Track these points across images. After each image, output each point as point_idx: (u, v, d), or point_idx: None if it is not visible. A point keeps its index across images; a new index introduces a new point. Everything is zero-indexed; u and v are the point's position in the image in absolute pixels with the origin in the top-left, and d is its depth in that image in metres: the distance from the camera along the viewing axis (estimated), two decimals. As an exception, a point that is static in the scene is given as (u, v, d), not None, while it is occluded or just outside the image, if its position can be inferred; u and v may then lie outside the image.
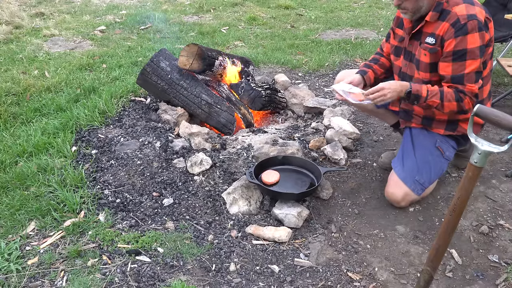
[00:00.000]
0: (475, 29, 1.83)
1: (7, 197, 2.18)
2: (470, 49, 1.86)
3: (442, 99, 1.95)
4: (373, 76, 2.35)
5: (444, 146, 2.14)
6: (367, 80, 2.32)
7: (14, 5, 5.77)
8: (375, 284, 1.79)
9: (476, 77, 1.92)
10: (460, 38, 1.85)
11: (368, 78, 2.32)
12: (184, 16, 5.91)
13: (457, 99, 1.94)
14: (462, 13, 1.84)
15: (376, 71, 2.36)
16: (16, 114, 2.99)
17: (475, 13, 1.84)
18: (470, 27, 1.83)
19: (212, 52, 2.95)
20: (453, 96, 1.94)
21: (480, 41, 1.85)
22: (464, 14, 1.84)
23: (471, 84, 1.92)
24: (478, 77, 1.93)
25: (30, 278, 1.76)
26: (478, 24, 1.83)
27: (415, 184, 2.11)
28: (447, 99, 1.95)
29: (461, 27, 1.84)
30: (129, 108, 3.01)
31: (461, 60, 1.89)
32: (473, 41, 1.84)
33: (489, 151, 1.22)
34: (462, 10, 1.85)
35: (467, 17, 1.83)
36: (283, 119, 3.23)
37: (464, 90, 1.93)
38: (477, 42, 1.85)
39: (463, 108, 1.96)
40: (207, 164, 2.38)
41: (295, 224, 2.05)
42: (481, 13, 1.86)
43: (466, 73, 1.90)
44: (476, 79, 1.92)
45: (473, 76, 1.91)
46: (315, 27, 5.44)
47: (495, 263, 1.88)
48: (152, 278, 1.76)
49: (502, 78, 3.70)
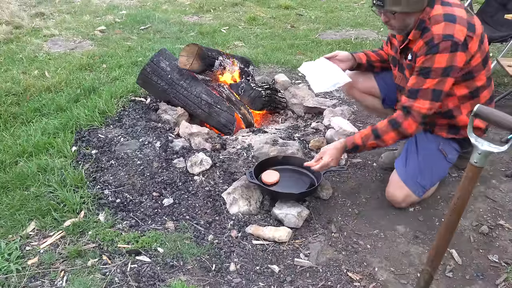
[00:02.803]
0: (446, 50, 1.80)
1: (7, 197, 2.18)
2: (434, 68, 1.84)
3: (378, 136, 1.98)
4: (364, 58, 2.35)
5: (447, 149, 2.13)
6: (357, 58, 2.32)
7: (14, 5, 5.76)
8: (375, 284, 1.79)
9: (432, 95, 1.87)
10: (429, 56, 1.84)
11: (358, 57, 2.33)
12: (184, 16, 5.91)
13: (394, 127, 1.94)
14: (438, 32, 1.82)
15: (369, 55, 2.36)
16: (16, 114, 2.99)
17: (452, 33, 1.79)
18: (441, 47, 1.80)
19: (212, 52, 2.96)
20: (388, 126, 1.96)
21: (447, 62, 1.81)
22: (440, 33, 1.81)
23: (423, 101, 1.88)
24: (435, 96, 1.88)
25: (30, 278, 1.76)
26: (452, 45, 1.79)
27: (416, 186, 2.11)
28: (383, 132, 1.97)
29: (433, 46, 1.82)
30: (129, 108, 3.01)
31: (423, 77, 1.88)
32: (440, 60, 1.82)
33: (489, 151, 1.22)
34: (439, 29, 1.82)
35: (442, 37, 1.80)
36: (283, 119, 3.23)
37: (411, 108, 1.91)
38: (444, 63, 1.82)
39: (404, 133, 1.95)
40: (207, 164, 2.38)
41: (295, 224, 2.05)
42: (460, 32, 1.80)
43: (422, 88, 1.88)
44: (432, 97, 1.88)
45: (429, 93, 1.87)
46: (315, 27, 5.44)
47: (495, 263, 1.88)
48: (152, 278, 1.76)
49: (502, 78, 3.70)
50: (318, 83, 2.22)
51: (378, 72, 2.41)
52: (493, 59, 3.51)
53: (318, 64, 2.28)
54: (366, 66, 2.36)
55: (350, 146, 2.06)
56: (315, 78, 2.24)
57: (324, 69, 2.25)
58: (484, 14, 3.78)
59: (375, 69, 2.39)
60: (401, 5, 1.85)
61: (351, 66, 2.33)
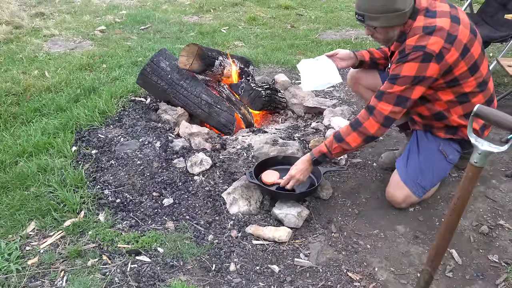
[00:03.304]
0: (417, 59, 1.80)
1: (7, 197, 2.18)
2: (402, 75, 1.85)
3: (340, 139, 2.00)
4: (367, 56, 2.35)
5: (448, 149, 2.13)
6: (359, 56, 2.32)
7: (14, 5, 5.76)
8: (375, 284, 1.79)
9: (396, 100, 1.88)
10: (399, 64, 1.86)
11: (361, 55, 2.33)
12: (184, 16, 5.91)
13: (355, 128, 1.96)
14: (410, 43, 1.83)
15: (372, 52, 2.36)
16: (16, 114, 2.99)
17: (425, 44, 1.79)
18: (410, 57, 1.81)
19: (212, 52, 2.95)
20: (349, 128, 1.98)
21: (416, 72, 1.82)
22: (412, 44, 1.82)
23: (386, 104, 1.90)
24: (399, 102, 1.89)
25: (30, 278, 1.76)
26: (423, 56, 1.79)
27: (417, 187, 2.11)
28: (345, 134, 1.98)
29: (403, 56, 1.84)
30: (129, 108, 3.01)
31: (391, 82, 1.89)
32: (408, 69, 1.83)
33: (489, 151, 1.22)
34: (412, 41, 1.82)
35: (412, 48, 1.81)
36: (283, 119, 3.23)
37: (375, 108, 1.92)
38: (412, 72, 1.82)
39: (366, 133, 1.95)
40: (207, 164, 2.38)
41: (295, 224, 2.05)
42: (435, 44, 1.79)
43: (387, 91, 1.89)
44: (395, 102, 1.89)
45: (393, 97, 1.88)
46: (315, 27, 5.44)
47: (495, 263, 1.88)
48: (152, 278, 1.77)
49: (502, 78, 3.70)
50: (308, 81, 2.22)
51: (383, 69, 2.40)
52: (493, 59, 3.51)
53: (315, 62, 2.27)
54: (369, 63, 2.35)
55: (317, 155, 2.08)
56: (307, 76, 2.24)
57: (319, 67, 2.24)
58: (484, 14, 3.78)
59: (379, 66, 2.38)
60: (380, 20, 1.86)
61: (352, 64, 2.33)
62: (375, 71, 2.41)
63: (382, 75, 2.39)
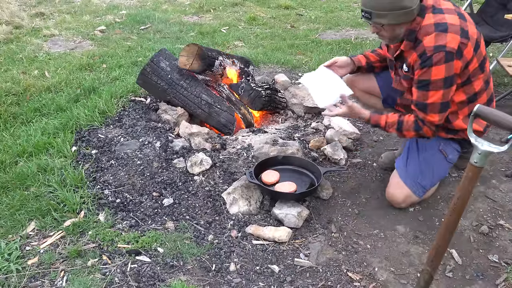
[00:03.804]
0: (441, 61, 1.80)
1: (7, 197, 2.18)
2: (433, 80, 1.85)
3: (400, 129, 2.03)
4: (364, 61, 2.35)
5: (448, 149, 2.13)
6: (356, 61, 2.32)
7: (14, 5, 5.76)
8: (375, 284, 1.79)
9: (440, 108, 1.91)
10: (425, 69, 1.85)
11: (358, 60, 2.33)
12: (184, 16, 5.91)
13: (415, 129, 1.99)
14: (429, 44, 1.81)
15: (368, 57, 2.36)
16: (16, 114, 2.99)
17: (444, 43, 1.79)
18: (435, 59, 1.80)
19: (212, 52, 2.95)
20: (411, 126, 2.00)
21: (445, 73, 1.82)
22: (431, 45, 1.81)
23: (433, 115, 1.92)
24: (442, 108, 1.91)
25: (30, 278, 1.76)
26: (446, 56, 1.79)
27: (417, 186, 2.11)
28: (405, 128, 2.02)
29: (426, 59, 1.83)
30: (129, 108, 3.01)
31: (424, 90, 1.89)
32: (437, 73, 1.82)
33: (489, 151, 1.22)
34: (431, 41, 1.81)
35: (433, 48, 1.80)
36: (283, 119, 3.23)
37: (424, 120, 1.95)
38: (442, 74, 1.82)
39: (424, 136, 2.02)
40: (207, 164, 2.38)
41: (295, 224, 2.05)
42: (453, 40, 1.79)
43: (428, 103, 1.90)
44: (440, 110, 1.91)
45: (437, 106, 1.90)
46: (315, 27, 5.44)
47: (495, 263, 1.88)
48: (152, 278, 1.77)
49: (502, 78, 3.69)
50: (322, 98, 2.19)
51: (378, 72, 2.41)
52: (493, 59, 3.51)
53: (319, 75, 2.26)
54: (366, 68, 2.36)
55: (372, 122, 2.12)
56: (318, 91, 2.22)
57: (326, 81, 2.24)
58: (484, 14, 3.78)
59: (375, 69, 2.39)
60: (387, 18, 1.85)
61: (351, 70, 2.33)
62: (371, 75, 2.42)
63: (378, 78, 2.40)
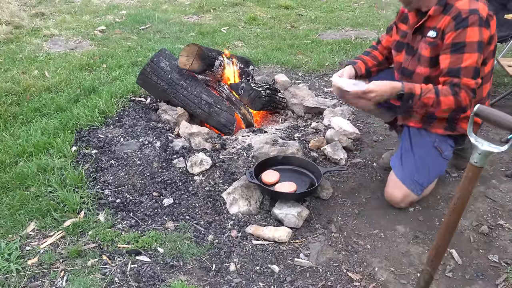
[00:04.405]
0: (476, 23, 1.84)
1: (7, 197, 2.18)
2: (468, 42, 1.86)
3: (438, 94, 1.91)
4: (363, 67, 2.35)
5: (443, 145, 2.13)
6: (358, 70, 2.32)
7: (14, 5, 5.76)
8: (375, 284, 1.79)
9: (474, 73, 1.89)
10: (460, 30, 1.86)
11: (359, 68, 2.33)
12: (184, 16, 5.91)
13: (453, 93, 1.90)
14: (464, 7, 1.86)
15: (366, 62, 2.36)
16: (16, 114, 2.99)
17: (477, 8, 1.85)
18: (470, 21, 1.84)
19: (212, 52, 2.96)
20: (448, 91, 1.91)
21: (479, 36, 1.85)
22: (466, 8, 1.85)
23: (468, 79, 1.89)
24: (476, 74, 1.90)
25: (30, 278, 1.76)
26: (479, 20, 1.84)
27: (414, 185, 2.11)
28: (443, 94, 1.91)
29: (461, 20, 1.85)
30: (129, 108, 3.01)
31: (459, 53, 1.88)
32: (472, 34, 1.85)
33: (489, 151, 1.22)
34: (465, 4, 1.86)
35: (468, 11, 1.84)
36: (283, 119, 3.23)
37: (460, 83, 1.90)
38: (476, 37, 1.85)
39: (461, 103, 1.91)
40: (207, 164, 2.38)
41: (295, 224, 2.05)
42: (483, 9, 1.86)
43: (463, 66, 1.89)
44: (474, 75, 1.89)
45: (471, 71, 1.89)
46: (315, 27, 5.44)
47: (495, 263, 1.88)
48: (152, 278, 1.77)
49: (502, 78, 3.70)
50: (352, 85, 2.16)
51: (373, 76, 2.41)
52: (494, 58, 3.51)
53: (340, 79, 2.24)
54: (365, 75, 2.37)
55: (407, 91, 1.93)
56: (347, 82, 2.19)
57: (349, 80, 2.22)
58: (484, 14, 3.78)
59: (372, 74, 2.40)
60: None
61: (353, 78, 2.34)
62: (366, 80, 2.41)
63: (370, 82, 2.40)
